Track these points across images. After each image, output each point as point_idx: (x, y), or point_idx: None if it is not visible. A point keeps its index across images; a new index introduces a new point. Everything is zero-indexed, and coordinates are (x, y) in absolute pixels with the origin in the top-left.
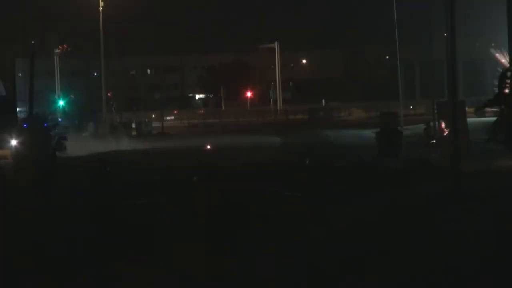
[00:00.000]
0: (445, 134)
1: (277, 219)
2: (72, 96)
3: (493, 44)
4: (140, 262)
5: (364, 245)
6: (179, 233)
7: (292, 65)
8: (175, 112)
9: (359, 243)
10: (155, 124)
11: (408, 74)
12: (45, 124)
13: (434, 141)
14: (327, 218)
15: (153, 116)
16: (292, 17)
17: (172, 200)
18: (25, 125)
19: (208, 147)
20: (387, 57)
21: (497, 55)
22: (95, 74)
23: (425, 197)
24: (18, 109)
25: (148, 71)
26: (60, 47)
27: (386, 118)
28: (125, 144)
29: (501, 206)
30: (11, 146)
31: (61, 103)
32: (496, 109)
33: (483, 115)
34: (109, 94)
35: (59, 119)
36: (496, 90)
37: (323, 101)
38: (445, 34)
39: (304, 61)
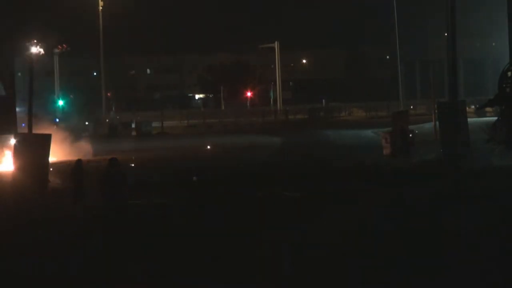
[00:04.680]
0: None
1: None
2: (71, 96)
3: (493, 44)
4: None
5: (362, 244)
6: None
7: (292, 65)
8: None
9: (358, 242)
10: (155, 124)
11: (409, 74)
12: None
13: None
14: (325, 218)
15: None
16: (292, 17)
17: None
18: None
19: (208, 147)
20: (387, 57)
21: None
22: (95, 74)
23: (425, 196)
24: (17, 109)
25: (148, 71)
26: (59, 47)
27: (400, 117)
28: (124, 144)
29: (501, 205)
30: None
31: (60, 103)
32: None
33: (483, 115)
34: (108, 94)
35: None
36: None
37: (323, 101)
38: (446, 34)
39: (304, 61)
